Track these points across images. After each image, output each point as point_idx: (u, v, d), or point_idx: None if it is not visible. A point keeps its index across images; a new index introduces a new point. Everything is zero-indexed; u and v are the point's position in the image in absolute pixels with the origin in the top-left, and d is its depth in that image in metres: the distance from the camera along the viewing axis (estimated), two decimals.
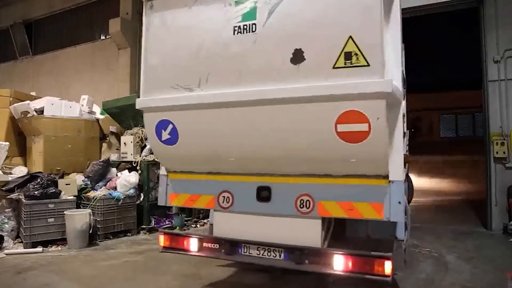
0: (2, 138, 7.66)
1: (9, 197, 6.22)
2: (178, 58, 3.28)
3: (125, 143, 7.55)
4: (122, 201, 6.66)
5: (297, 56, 2.80)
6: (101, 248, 6.03)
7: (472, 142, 15.57)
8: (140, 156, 7.35)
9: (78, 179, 6.93)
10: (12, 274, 4.67)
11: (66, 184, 6.47)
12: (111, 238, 6.52)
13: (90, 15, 12.08)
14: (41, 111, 7.55)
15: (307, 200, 3.10)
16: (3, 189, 6.37)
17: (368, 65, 2.60)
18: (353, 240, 3.68)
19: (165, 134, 3.42)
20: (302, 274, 3.77)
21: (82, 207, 6.45)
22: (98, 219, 6.36)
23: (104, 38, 11.65)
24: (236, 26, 3.03)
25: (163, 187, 3.75)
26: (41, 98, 8.27)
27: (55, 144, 7.52)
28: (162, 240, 3.62)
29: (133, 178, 6.89)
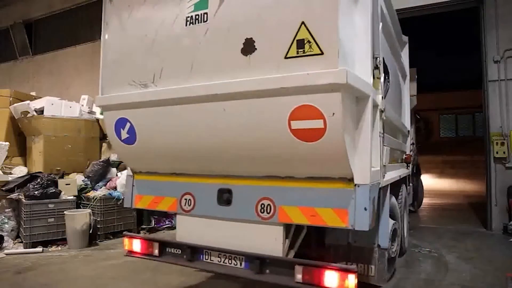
0: (2, 138, 7.66)
1: (9, 197, 6.22)
2: (134, 53, 3.11)
3: None
4: (122, 201, 6.66)
5: (248, 46, 2.55)
6: (101, 248, 6.03)
7: (472, 142, 15.59)
8: None
9: (78, 179, 6.93)
10: (12, 274, 4.67)
11: (66, 184, 6.48)
12: (111, 238, 6.51)
13: (90, 15, 12.04)
14: (41, 111, 7.54)
15: (268, 204, 2.81)
16: (3, 189, 6.37)
17: (321, 53, 2.30)
18: (333, 248, 3.42)
19: (124, 133, 3.24)
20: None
21: (82, 207, 6.46)
22: (98, 219, 6.36)
23: None
24: (188, 17, 2.82)
25: (129, 189, 3.58)
26: (41, 98, 8.27)
27: (55, 144, 7.51)
28: (126, 243, 3.41)
29: None
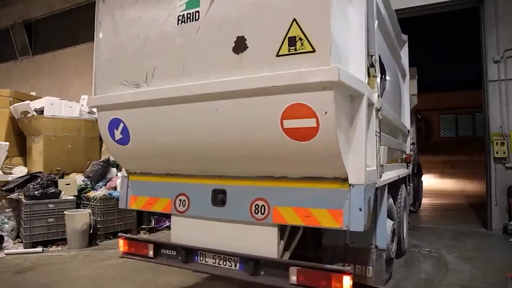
0: (2, 138, 7.66)
1: (9, 197, 6.22)
2: (127, 53, 3.09)
3: None
4: None
5: (239, 44, 2.52)
6: (101, 248, 6.03)
7: (472, 142, 15.59)
8: None
9: (78, 179, 6.93)
10: (12, 274, 4.67)
11: (66, 184, 6.48)
12: (111, 238, 6.50)
13: (90, 15, 11.93)
14: (41, 111, 7.54)
15: (262, 205, 2.78)
16: (3, 189, 6.37)
17: (313, 51, 2.28)
18: (330, 249, 3.39)
19: (117, 134, 3.22)
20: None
21: (82, 207, 6.45)
22: (98, 219, 6.36)
23: None
24: (180, 15, 2.80)
25: (124, 189, 3.56)
26: (41, 98, 8.26)
27: (55, 144, 7.51)
28: (121, 245, 3.40)
29: None
